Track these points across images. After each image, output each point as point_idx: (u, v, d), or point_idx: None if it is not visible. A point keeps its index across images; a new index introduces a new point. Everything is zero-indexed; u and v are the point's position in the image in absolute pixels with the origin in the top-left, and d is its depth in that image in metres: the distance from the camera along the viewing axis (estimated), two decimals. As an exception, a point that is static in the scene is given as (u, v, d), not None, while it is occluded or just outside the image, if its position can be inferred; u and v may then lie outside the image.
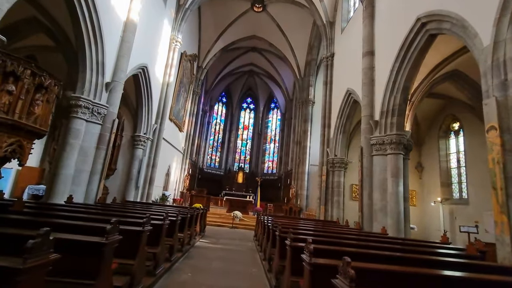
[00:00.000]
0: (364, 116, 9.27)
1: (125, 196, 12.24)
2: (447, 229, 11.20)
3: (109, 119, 8.57)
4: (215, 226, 12.68)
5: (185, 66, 17.64)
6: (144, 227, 3.40)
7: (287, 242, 3.52)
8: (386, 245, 4.43)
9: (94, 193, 8.17)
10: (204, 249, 7.22)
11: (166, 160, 16.72)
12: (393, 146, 8.28)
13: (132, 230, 3.34)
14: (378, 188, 8.40)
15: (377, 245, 4.35)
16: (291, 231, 3.59)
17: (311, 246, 2.51)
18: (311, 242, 2.58)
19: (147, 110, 12.79)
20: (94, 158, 8.25)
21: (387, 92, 8.52)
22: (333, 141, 13.42)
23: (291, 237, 3.47)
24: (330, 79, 14.56)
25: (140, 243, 3.34)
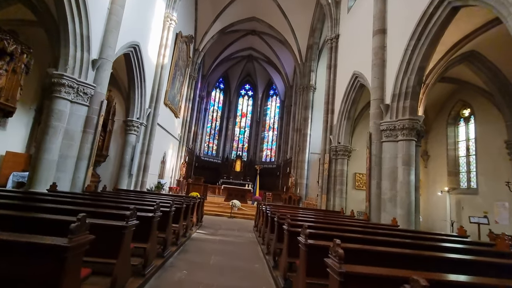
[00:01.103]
0: (373, 100, 8.61)
1: (117, 184, 11.62)
2: (453, 219, 10.81)
3: (96, 100, 7.83)
4: (213, 215, 12.19)
5: (181, 48, 16.69)
6: (128, 221, 2.78)
7: (300, 239, 2.93)
8: (399, 240, 3.89)
9: (82, 181, 7.53)
10: (201, 241, 6.68)
11: (161, 147, 16.04)
12: (405, 132, 7.68)
13: (113, 226, 2.73)
14: (388, 176, 7.86)
15: (389, 240, 3.80)
16: (305, 226, 2.99)
17: (340, 250, 1.93)
18: (339, 245, 1.99)
19: (140, 93, 12.00)
20: (80, 143, 7.56)
21: (400, 73, 7.84)
22: (337, 128, 12.81)
23: (305, 233, 2.89)
24: (334, 62, 13.79)
25: (123, 241, 2.73)
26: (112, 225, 2.73)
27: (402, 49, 7.77)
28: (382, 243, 3.56)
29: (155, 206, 3.75)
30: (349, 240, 3.41)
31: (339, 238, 3.55)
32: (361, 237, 3.77)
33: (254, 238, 7.74)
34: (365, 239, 3.73)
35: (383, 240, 3.77)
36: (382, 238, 3.93)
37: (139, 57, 11.20)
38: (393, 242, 3.66)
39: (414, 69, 7.56)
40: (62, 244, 1.75)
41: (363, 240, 3.61)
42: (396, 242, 3.80)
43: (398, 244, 3.71)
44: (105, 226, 2.71)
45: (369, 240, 3.71)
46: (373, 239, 3.78)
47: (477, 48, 8.73)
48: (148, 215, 3.65)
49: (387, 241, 3.75)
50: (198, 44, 20.94)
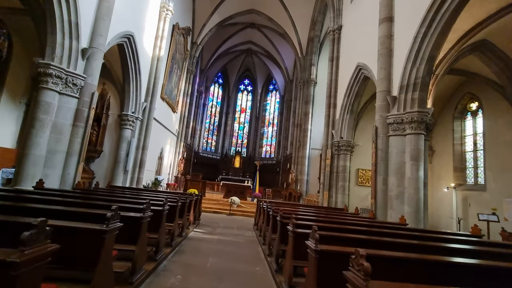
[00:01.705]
0: (379, 92, 8.19)
1: (113, 180, 11.22)
2: (460, 217, 10.47)
3: (87, 92, 7.38)
4: (211, 213, 11.82)
5: (178, 40, 16.17)
6: (108, 225, 2.38)
7: (310, 244, 2.54)
8: (412, 241, 3.52)
9: (72, 178, 7.11)
10: (198, 241, 6.29)
11: (158, 143, 15.62)
12: (413, 125, 7.28)
13: (91, 230, 2.32)
14: (395, 172, 7.48)
15: (398, 242, 3.42)
16: (315, 229, 2.60)
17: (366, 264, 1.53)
18: (363, 255, 1.59)
19: (135, 87, 11.54)
20: (70, 137, 7.13)
21: (408, 63, 7.41)
22: (339, 122, 12.39)
23: (315, 237, 2.49)
24: (336, 54, 13.32)
25: (103, 247, 2.33)
26: (90, 229, 2.33)
27: (411, 37, 7.33)
28: (399, 246, 3.17)
29: (144, 205, 3.34)
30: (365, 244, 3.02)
31: (352, 240, 3.18)
32: (377, 240, 3.39)
33: (254, 237, 7.36)
34: (380, 241, 3.34)
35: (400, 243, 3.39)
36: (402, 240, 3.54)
37: (134, 48, 10.72)
38: (411, 245, 3.28)
39: (424, 58, 7.13)
40: (8, 259, 1.34)
41: (380, 244, 3.23)
42: (413, 244, 3.42)
43: (415, 247, 3.33)
44: (82, 231, 2.31)
45: (386, 244, 3.33)
46: (391, 241, 3.41)
47: (489, 37, 8.30)
48: (137, 215, 3.24)
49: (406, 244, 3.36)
50: (196, 37, 20.39)
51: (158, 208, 4.23)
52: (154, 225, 4.21)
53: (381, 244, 3.34)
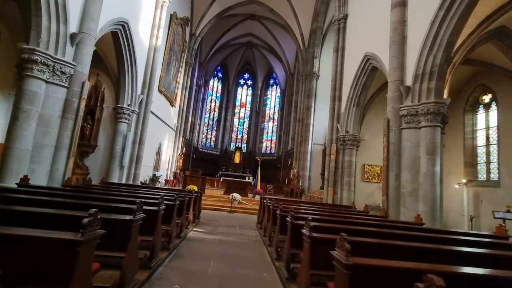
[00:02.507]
0: (392, 82, 7.66)
1: (108, 176, 10.71)
2: (471, 214, 10.03)
3: (77, 81, 6.82)
4: (212, 210, 11.34)
5: (176, 31, 15.52)
6: (85, 233, 1.87)
7: (338, 257, 2.03)
8: (441, 247, 3.04)
9: (61, 174, 6.59)
10: (198, 242, 5.80)
11: (156, 137, 15.08)
12: (429, 117, 6.77)
13: (60, 240, 1.81)
14: (408, 167, 7.00)
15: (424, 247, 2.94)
16: (343, 237, 2.09)
17: None
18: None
19: (131, 78, 10.96)
20: (59, 130, 6.59)
21: (424, 50, 6.87)
22: (345, 116, 11.88)
23: (346, 247, 1.99)
24: (342, 44, 12.74)
25: (76, 260, 1.82)
26: (57, 239, 1.82)
27: (427, 22, 6.78)
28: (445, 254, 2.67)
29: (135, 206, 2.83)
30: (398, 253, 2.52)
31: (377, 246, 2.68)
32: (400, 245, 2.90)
33: (258, 237, 6.88)
34: (411, 248, 2.85)
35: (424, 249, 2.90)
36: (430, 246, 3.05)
37: (129, 37, 10.13)
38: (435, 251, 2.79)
39: (442, 44, 6.59)
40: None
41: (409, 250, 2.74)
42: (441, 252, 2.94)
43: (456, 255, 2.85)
44: (48, 242, 1.80)
45: (417, 250, 2.85)
46: (413, 247, 2.92)
47: (508, 24, 7.74)
48: (125, 218, 2.73)
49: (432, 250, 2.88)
50: (194, 28, 19.71)
51: (152, 208, 3.72)
52: (148, 227, 3.71)
53: (403, 250, 2.87)
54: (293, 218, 3.88)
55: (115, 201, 4.26)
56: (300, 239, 3.71)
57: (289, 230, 3.86)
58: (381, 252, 2.82)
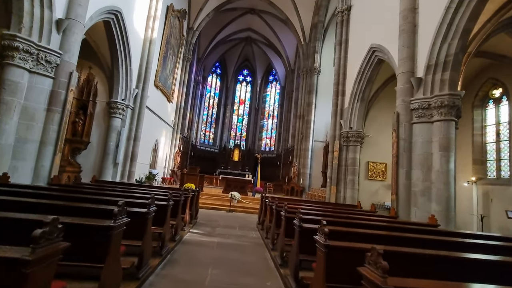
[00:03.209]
0: (401, 74, 7.19)
1: (101, 174, 10.22)
2: (481, 213, 9.62)
3: (64, 72, 6.31)
4: (210, 209, 10.88)
5: (173, 24, 14.97)
6: (36, 249, 1.38)
7: (373, 278, 1.57)
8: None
9: (47, 171, 6.10)
10: (195, 245, 5.34)
11: (152, 134, 14.57)
12: (443, 110, 6.32)
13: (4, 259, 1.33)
14: (420, 165, 6.56)
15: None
16: (376, 252, 1.63)
17: None
18: None
19: (125, 71, 10.44)
20: (44, 124, 6.09)
21: (437, 39, 6.41)
22: (348, 111, 11.42)
23: (381, 265, 1.53)
24: (345, 37, 12.25)
25: (23, 284, 1.34)
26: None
27: (441, 8, 6.31)
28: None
29: (117, 210, 2.35)
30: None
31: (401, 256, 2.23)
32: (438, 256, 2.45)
33: (259, 239, 6.44)
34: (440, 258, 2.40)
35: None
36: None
37: (122, 27, 9.61)
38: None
39: (458, 32, 6.12)
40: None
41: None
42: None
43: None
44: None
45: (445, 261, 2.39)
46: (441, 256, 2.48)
47: (526, 12, 7.27)
48: (104, 224, 2.26)
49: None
50: (192, 22, 19.15)
51: (141, 210, 3.25)
52: (137, 231, 3.24)
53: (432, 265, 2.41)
54: (300, 221, 3.42)
55: (100, 202, 3.79)
56: (309, 244, 3.26)
57: (297, 235, 3.40)
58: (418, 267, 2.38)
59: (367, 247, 1.92)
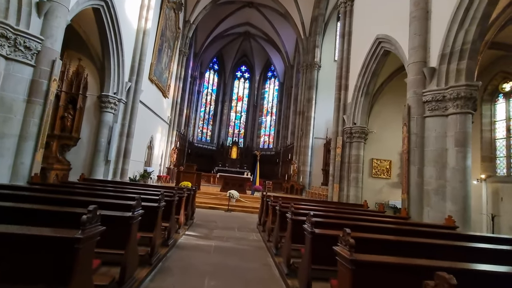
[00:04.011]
0: (413, 64, 6.69)
1: (92, 172, 9.67)
2: (492, 213, 9.21)
3: (45, 59, 5.74)
4: (207, 208, 10.37)
5: (168, 15, 14.36)
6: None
7: None
8: None
9: (27, 168, 5.54)
10: (190, 250, 4.83)
11: (147, 130, 14.00)
12: (459, 102, 5.85)
13: None
14: (433, 161, 6.09)
15: None
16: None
17: None
18: None
19: (117, 63, 9.87)
20: (24, 117, 5.53)
21: (453, 25, 5.91)
22: (352, 106, 10.94)
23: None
24: (348, 29, 11.74)
25: None
26: None
27: (459, -9, 5.81)
28: None
29: (85, 217, 1.83)
30: None
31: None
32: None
33: (260, 241, 5.95)
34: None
35: None
36: None
37: (113, 16, 9.04)
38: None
39: (476, 17, 5.63)
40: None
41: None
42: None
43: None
44: None
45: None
46: None
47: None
48: (67, 236, 1.74)
49: None
50: (189, 15, 18.51)
51: (123, 214, 2.73)
52: (119, 239, 2.72)
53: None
54: (312, 225, 2.92)
55: (79, 204, 3.27)
56: (323, 251, 2.78)
57: (309, 242, 2.89)
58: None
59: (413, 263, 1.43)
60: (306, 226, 3.01)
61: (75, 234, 1.74)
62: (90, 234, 1.83)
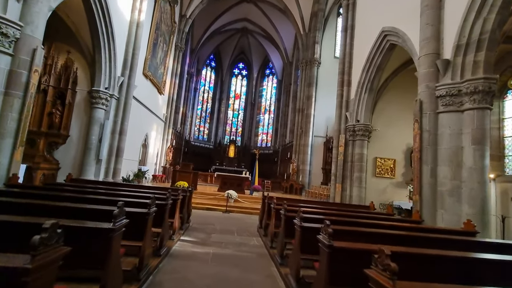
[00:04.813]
0: (424, 56, 6.26)
1: (82, 172, 9.13)
2: (502, 214, 8.85)
3: (25, 47, 5.20)
4: (204, 209, 9.89)
5: (163, 8, 13.79)
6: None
7: None
8: None
9: (4, 169, 5.02)
10: (186, 260, 4.35)
11: (141, 128, 13.45)
12: (476, 97, 5.43)
13: None
14: (448, 160, 5.68)
15: None
16: None
17: None
18: None
19: (109, 56, 9.33)
20: (1, 111, 5.00)
21: (470, 14, 5.48)
22: (355, 103, 10.51)
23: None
24: (351, 23, 11.30)
25: None
26: None
27: (476, -23, 5.38)
28: None
29: (39, 239, 1.34)
30: None
31: None
32: None
33: (262, 247, 5.49)
34: None
35: None
36: None
37: (104, 5, 8.49)
38: None
39: (496, 4, 5.20)
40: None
41: None
42: None
43: None
44: None
45: None
46: None
47: None
48: (15, 266, 1.26)
49: None
50: (185, 9, 17.92)
51: (102, 226, 2.25)
52: (97, 255, 2.24)
53: None
54: (329, 237, 2.45)
55: (55, 212, 2.77)
56: (342, 266, 2.33)
57: (326, 258, 2.42)
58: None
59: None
60: (322, 237, 2.55)
61: (23, 263, 1.25)
62: (42, 263, 1.34)
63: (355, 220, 4.42)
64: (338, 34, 18.49)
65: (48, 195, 4.01)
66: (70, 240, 1.73)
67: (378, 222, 4.63)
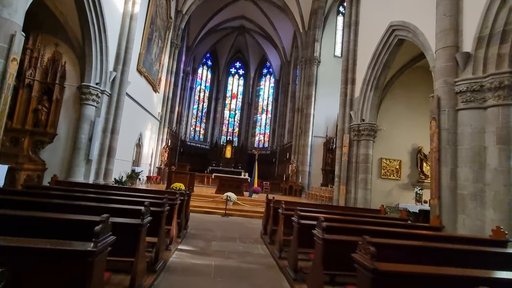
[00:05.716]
0: (442, 49, 5.83)
1: (71, 173, 8.51)
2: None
3: (2, 33, 4.60)
4: (202, 213, 9.32)
5: (159, 2, 13.21)
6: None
7: None
8: None
9: (-23, 170, 4.40)
10: (185, 275, 3.81)
11: (135, 126, 12.82)
12: (501, 93, 5.01)
13: None
14: (469, 161, 5.24)
15: None
16: None
17: None
18: None
19: (100, 50, 8.73)
20: (-27, 105, 4.39)
21: (494, 2, 5.06)
22: (360, 101, 10.08)
23: None
24: (355, 18, 10.88)
25: None
26: None
27: (500, -37, 4.97)
28: None
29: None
30: None
31: None
32: None
33: (269, 257, 4.97)
34: None
35: None
36: None
37: (95, -6, 7.87)
38: None
39: (524, -8, 4.80)
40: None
41: None
42: None
43: None
44: None
45: None
46: None
47: None
48: None
49: None
50: (181, 5, 17.34)
51: (80, 248, 1.70)
52: (77, 280, 1.70)
53: None
54: (372, 257, 1.95)
55: (25, 223, 2.20)
56: None
57: (369, 283, 1.92)
58: None
59: None
60: (359, 257, 2.04)
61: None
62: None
63: (378, 229, 3.92)
64: (338, 32, 18.17)
65: (19, 201, 3.42)
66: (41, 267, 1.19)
67: (404, 231, 4.13)
